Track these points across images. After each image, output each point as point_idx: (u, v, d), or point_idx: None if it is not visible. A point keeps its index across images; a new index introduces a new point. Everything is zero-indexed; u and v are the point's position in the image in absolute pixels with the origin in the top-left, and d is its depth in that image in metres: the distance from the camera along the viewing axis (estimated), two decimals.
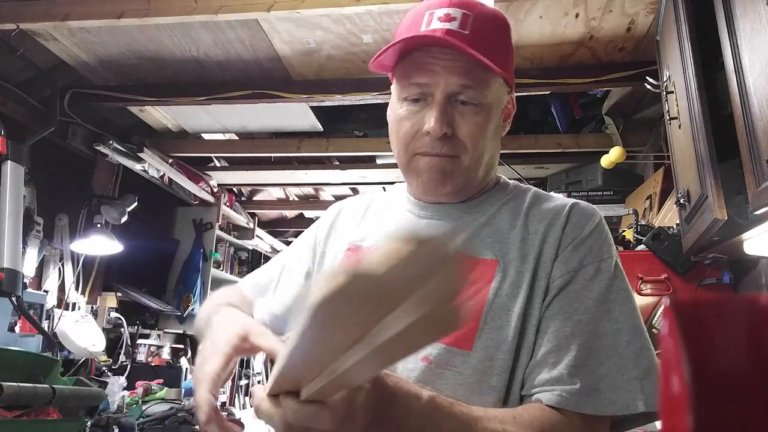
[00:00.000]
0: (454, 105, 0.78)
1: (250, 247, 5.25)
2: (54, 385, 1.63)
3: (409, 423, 0.58)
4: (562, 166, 3.46)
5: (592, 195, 3.08)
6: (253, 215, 5.03)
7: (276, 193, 4.90)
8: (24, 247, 2.57)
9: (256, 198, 4.98)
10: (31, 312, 2.56)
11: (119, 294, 3.46)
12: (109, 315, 3.40)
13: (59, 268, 3.05)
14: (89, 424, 2.24)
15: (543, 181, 3.60)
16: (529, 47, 2.48)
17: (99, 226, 3.12)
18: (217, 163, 4.08)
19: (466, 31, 0.76)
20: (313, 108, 3.09)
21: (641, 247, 2.13)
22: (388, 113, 0.86)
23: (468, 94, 0.77)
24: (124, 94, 2.93)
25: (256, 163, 4.02)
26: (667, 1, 1.71)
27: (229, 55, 2.66)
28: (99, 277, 3.40)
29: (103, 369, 3.06)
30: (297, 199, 4.95)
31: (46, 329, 2.69)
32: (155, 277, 4.01)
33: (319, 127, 3.31)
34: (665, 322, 0.28)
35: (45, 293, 2.90)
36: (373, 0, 2.06)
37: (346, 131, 3.54)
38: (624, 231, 2.44)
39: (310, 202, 4.91)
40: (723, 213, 1.29)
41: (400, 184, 0.97)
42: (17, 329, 2.57)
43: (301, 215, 5.49)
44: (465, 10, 0.77)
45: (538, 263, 0.76)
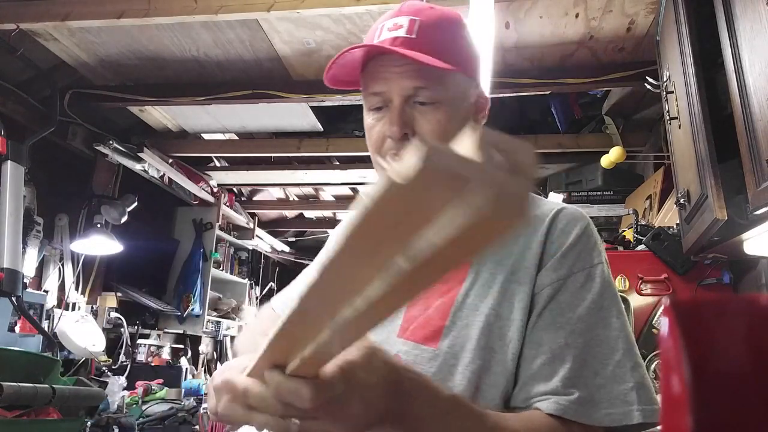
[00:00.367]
0: (413, 107, 0.81)
1: (250, 247, 5.25)
2: (54, 385, 1.63)
3: (432, 421, 0.55)
4: (562, 166, 3.46)
5: (592, 195, 3.08)
6: (253, 215, 5.03)
7: (276, 193, 4.90)
8: (24, 247, 2.57)
9: (256, 198, 4.98)
10: (31, 312, 2.55)
11: (119, 294, 3.46)
12: (109, 315, 3.40)
13: (59, 268, 3.05)
14: (89, 424, 2.24)
15: (543, 181, 3.60)
16: (529, 47, 2.48)
17: (99, 226, 3.12)
18: (217, 163, 4.08)
19: (413, 36, 0.80)
20: (313, 108, 3.09)
21: (641, 247, 2.12)
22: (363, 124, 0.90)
23: (423, 95, 0.80)
24: (124, 94, 2.93)
25: (256, 163, 4.02)
26: (667, 1, 1.71)
27: (229, 55, 2.66)
28: (99, 277, 3.39)
29: (103, 369, 3.06)
30: (297, 199, 4.95)
31: (46, 329, 2.69)
32: (155, 277, 4.01)
33: (319, 127, 3.31)
34: (665, 322, 0.28)
35: (45, 293, 2.90)
36: (373, 0, 2.06)
37: (346, 131, 3.54)
38: (624, 231, 2.44)
39: (310, 202, 4.91)
40: (723, 213, 1.29)
41: None
42: (17, 329, 2.57)
43: (301, 215, 5.48)
44: (412, 17, 0.81)
45: (516, 268, 0.76)
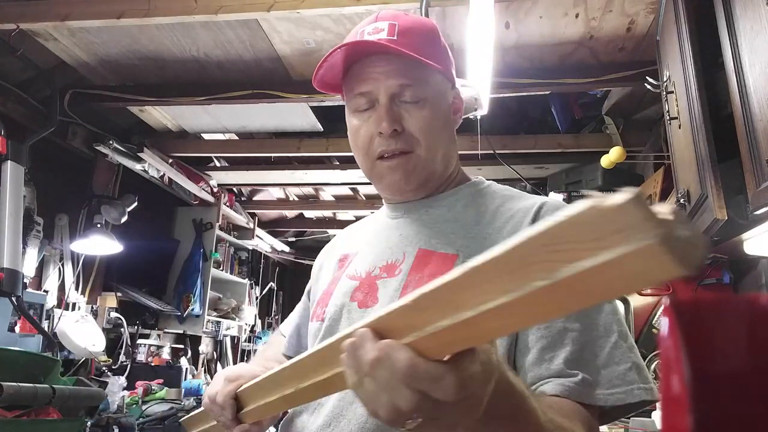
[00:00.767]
0: (399, 105, 0.85)
1: (250, 247, 5.25)
2: (54, 385, 1.63)
3: (517, 423, 0.53)
4: (562, 166, 3.46)
5: None
6: (253, 215, 5.02)
7: (276, 193, 4.89)
8: (24, 247, 2.56)
9: (256, 198, 4.98)
10: (31, 312, 2.55)
11: (119, 294, 3.46)
12: (109, 315, 3.40)
13: (59, 268, 3.05)
14: (89, 424, 2.24)
15: (543, 181, 3.60)
16: (529, 47, 2.47)
17: (99, 226, 3.12)
18: (217, 163, 4.08)
19: (394, 37, 0.84)
20: (313, 108, 3.09)
21: None
22: (348, 129, 0.94)
23: (409, 92, 0.84)
24: (124, 94, 2.92)
25: (256, 163, 4.02)
26: (667, 1, 1.71)
27: (229, 55, 2.66)
28: (99, 277, 3.39)
29: (103, 369, 3.06)
30: (297, 199, 4.95)
31: (46, 329, 2.68)
32: (155, 277, 4.01)
33: (319, 127, 3.30)
34: (665, 322, 0.28)
35: (45, 293, 2.89)
36: (373, 0, 2.06)
37: (346, 131, 3.53)
38: None
39: (310, 202, 4.90)
40: (723, 213, 1.28)
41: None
42: (17, 329, 2.57)
43: (301, 215, 5.48)
44: (390, 21, 0.85)
45: None
